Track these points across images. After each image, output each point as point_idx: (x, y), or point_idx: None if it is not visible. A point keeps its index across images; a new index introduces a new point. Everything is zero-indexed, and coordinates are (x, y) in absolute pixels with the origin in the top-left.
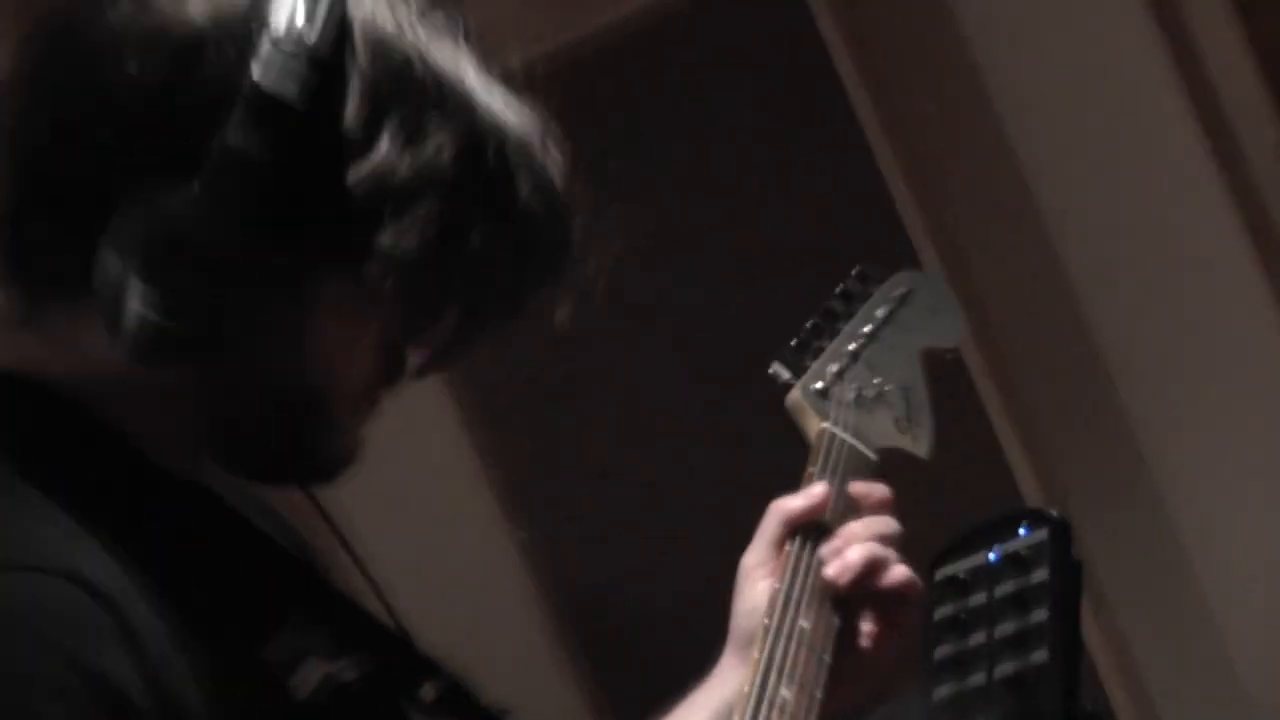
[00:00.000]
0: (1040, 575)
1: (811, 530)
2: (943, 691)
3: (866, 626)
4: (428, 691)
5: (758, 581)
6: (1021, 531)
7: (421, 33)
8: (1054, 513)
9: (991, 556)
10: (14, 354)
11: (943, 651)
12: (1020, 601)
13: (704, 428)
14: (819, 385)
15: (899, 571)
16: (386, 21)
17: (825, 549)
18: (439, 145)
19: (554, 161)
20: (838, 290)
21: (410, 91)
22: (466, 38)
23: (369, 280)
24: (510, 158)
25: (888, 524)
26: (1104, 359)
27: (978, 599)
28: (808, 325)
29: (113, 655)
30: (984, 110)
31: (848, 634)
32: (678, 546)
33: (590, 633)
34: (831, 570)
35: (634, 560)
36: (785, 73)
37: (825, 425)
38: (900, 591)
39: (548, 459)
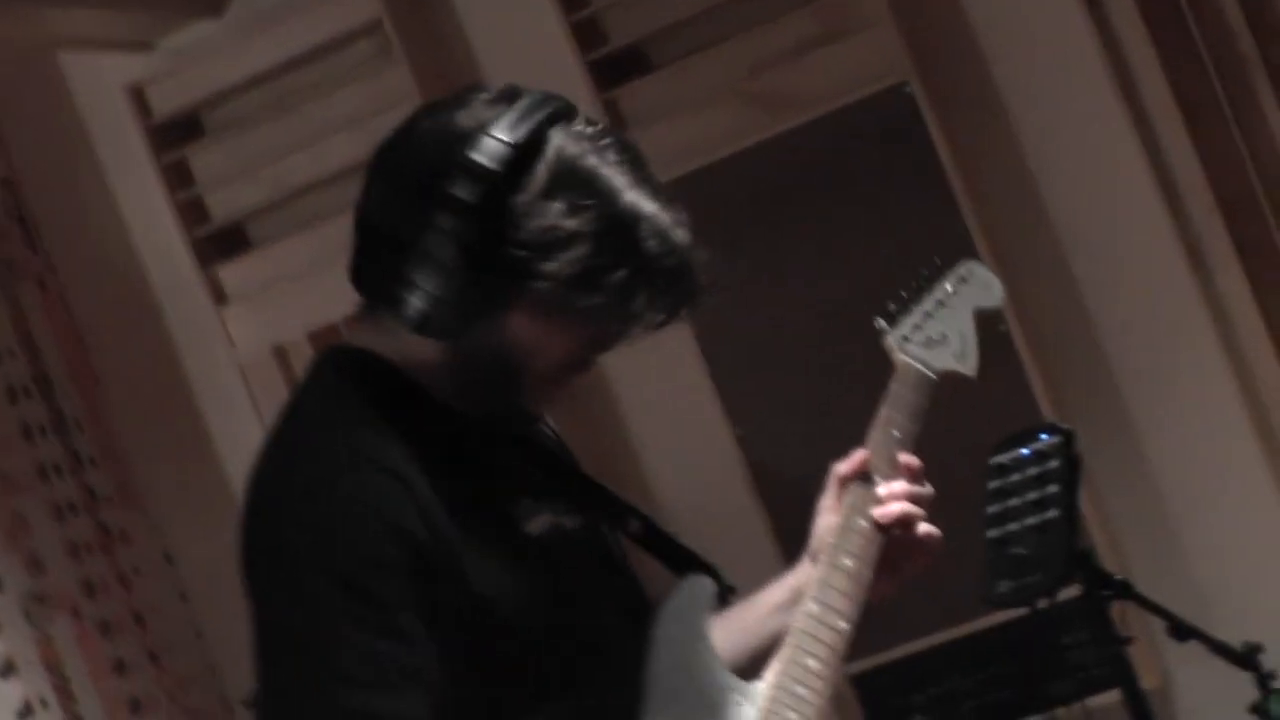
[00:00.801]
0: (1054, 464)
1: (862, 478)
2: (993, 534)
3: (896, 555)
4: (633, 527)
5: (826, 516)
6: (1044, 436)
7: (591, 151)
8: (1065, 425)
9: (1025, 451)
10: (363, 338)
11: (993, 509)
12: (1042, 480)
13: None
14: (903, 333)
15: (924, 527)
16: (569, 144)
17: (877, 511)
18: (590, 216)
19: (679, 234)
20: (921, 273)
21: (575, 182)
22: (625, 154)
23: (541, 295)
24: (641, 230)
25: (920, 490)
26: (1099, 328)
27: (1015, 477)
28: (901, 295)
29: (407, 513)
30: (1014, 148)
31: (884, 556)
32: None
33: (788, 508)
34: (877, 514)
35: (828, 448)
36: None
37: (903, 358)
38: (921, 540)
39: (760, 371)
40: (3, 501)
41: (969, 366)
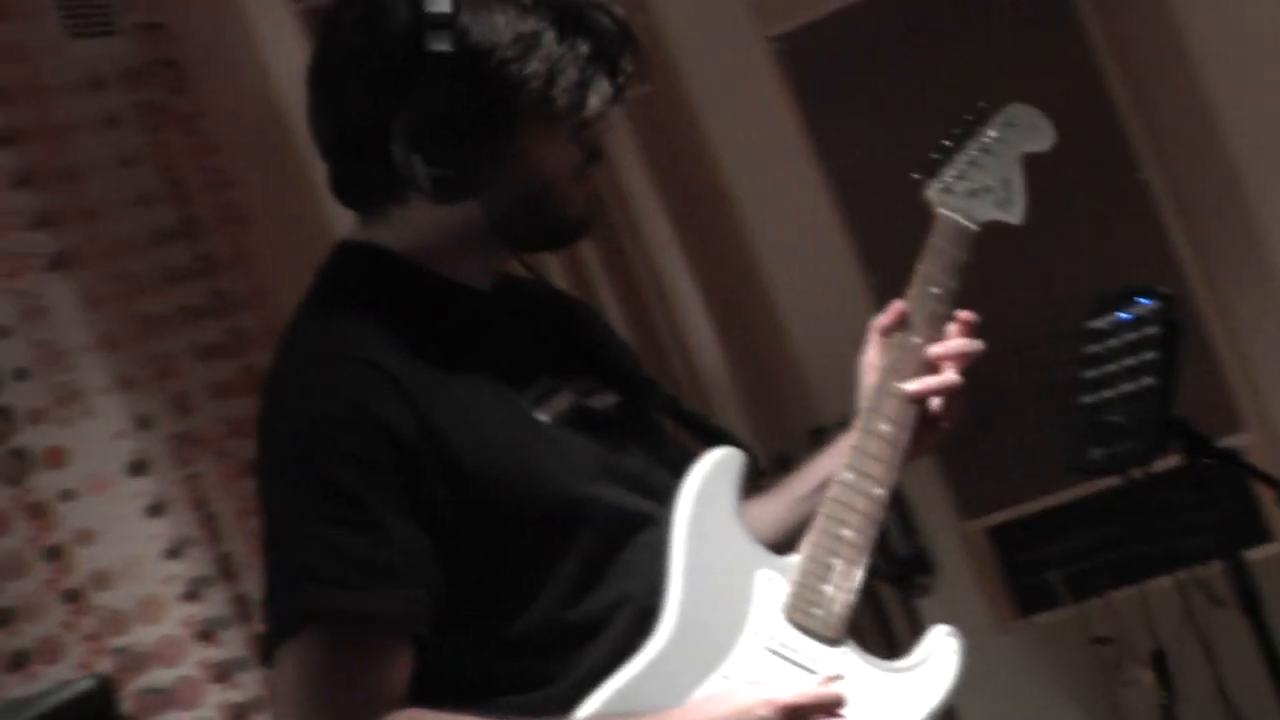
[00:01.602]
0: (1153, 330)
1: (901, 335)
2: (1087, 399)
3: (933, 413)
4: (662, 403)
5: (866, 376)
6: (1143, 300)
7: None
8: (1165, 288)
9: (1123, 315)
10: (364, 233)
11: (1090, 374)
12: (1139, 346)
13: None
14: (944, 184)
15: (959, 404)
16: None
17: (909, 386)
18: (539, 8)
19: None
20: (964, 119)
21: (515, 2)
22: None
23: (535, 108)
24: (584, 11)
25: (967, 346)
26: (1246, 187)
27: (1113, 341)
28: (941, 144)
29: (387, 403)
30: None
31: (921, 415)
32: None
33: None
34: (910, 389)
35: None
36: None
37: (942, 211)
38: (952, 404)
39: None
40: (151, 344)
41: (1015, 215)
